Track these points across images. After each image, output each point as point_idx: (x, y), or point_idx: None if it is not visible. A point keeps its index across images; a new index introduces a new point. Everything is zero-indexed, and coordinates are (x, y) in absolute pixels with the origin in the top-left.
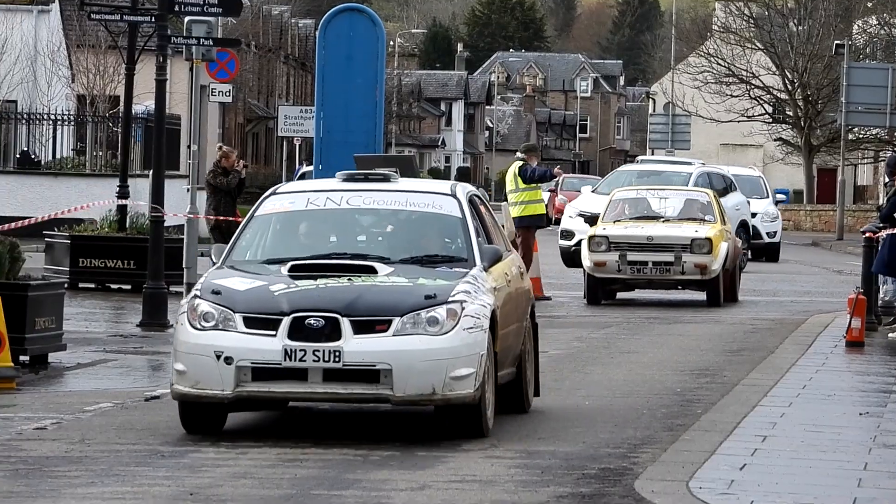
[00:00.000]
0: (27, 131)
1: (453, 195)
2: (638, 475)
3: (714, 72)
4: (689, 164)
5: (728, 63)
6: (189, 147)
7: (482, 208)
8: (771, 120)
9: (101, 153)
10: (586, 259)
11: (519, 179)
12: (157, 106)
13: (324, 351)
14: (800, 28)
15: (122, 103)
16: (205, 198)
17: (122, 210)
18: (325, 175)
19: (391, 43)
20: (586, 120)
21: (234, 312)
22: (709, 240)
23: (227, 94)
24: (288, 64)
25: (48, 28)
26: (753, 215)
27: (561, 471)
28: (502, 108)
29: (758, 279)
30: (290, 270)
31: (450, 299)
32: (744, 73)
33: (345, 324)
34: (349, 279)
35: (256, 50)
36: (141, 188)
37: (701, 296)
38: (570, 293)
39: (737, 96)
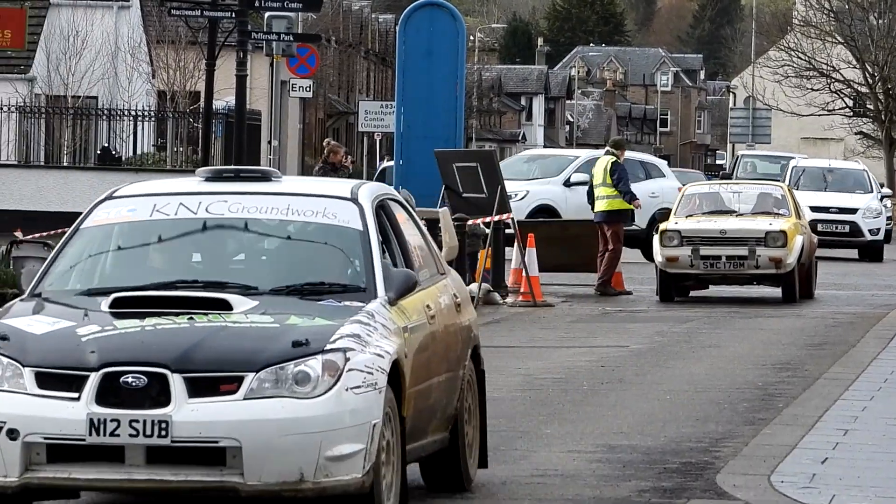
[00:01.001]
0: (108, 127)
1: (353, 199)
2: (719, 469)
3: (794, 65)
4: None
5: (808, 57)
6: (269, 143)
7: (400, 217)
8: (851, 114)
9: (181, 149)
10: (658, 254)
11: (609, 175)
12: (238, 102)
13: (146, 421)
14: (880, 21)
15: (202, 99)
16: None
17: None
18: (407, 171)
19: (471, 38)
20: (667, 114)
21: (23, 366)
22: (783, 233)
23: (308, 89)
24: (368, 59)
25: (128, 24)
26: (853, 211)
27: (642, 465)
28: (583, 102)
29: (839, 273)
30: (111, 306)
31: (328, 347)
32: (824, 66)
33: (176, 382)
34: (190, 318)
35: (337, 45)
36: None
37: (778, 291)
38: (651, 287)
39: (817, 90)
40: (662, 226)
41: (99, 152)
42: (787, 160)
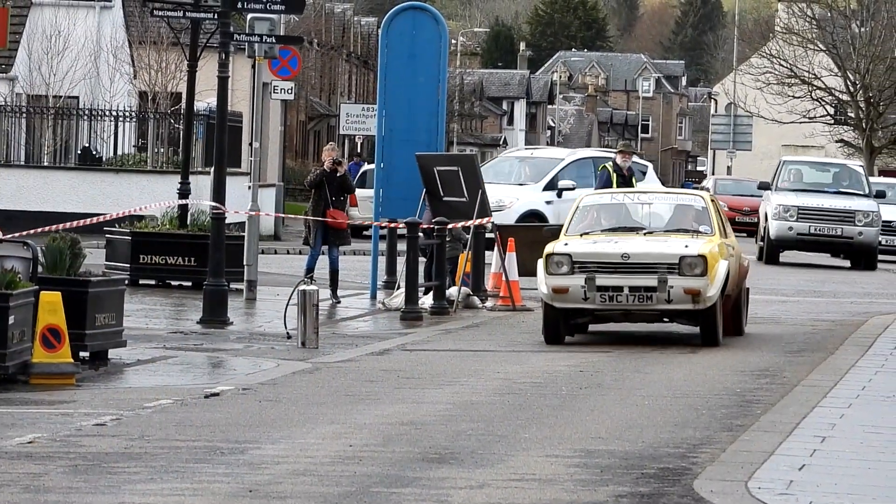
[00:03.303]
0: (89, 127)
1: None
2: (697, 475)
3: (776, 73)
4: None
5: (790, 64)
6: (251, 144)
7: None
8: (833, 121)
9: (162, 150)
10: (542, 284)
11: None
12: (220, 103)
13: None
14: (862, 30)
15: (184, 100)
16: (266, 195)
17: (183, 207)
18: (389, 174)
19: (454, 41)
20: (648, 120)
21: None
22: (702, 258)
23: (289, 91)
24: (350, 62)
25: (111, 24)
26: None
27: (620, 470)
28: (564, 107)
29: (818, 280)
30: None
31: None
32: (806, 74)
33: None
34: None
35: (319, 48)
36: (202, 185)
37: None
38: None
39: (799, 97)
40: (549, 247)
41: (80, 152)
42: (839, 167)
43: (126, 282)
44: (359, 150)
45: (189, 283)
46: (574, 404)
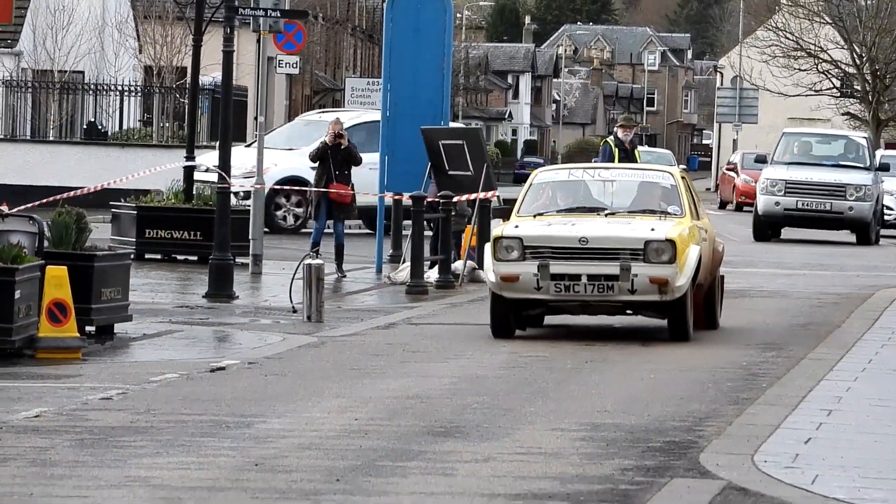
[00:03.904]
0: (94, 102)
1: None
2: (703, 448)
3: (782, 45)
4: None
5: (796, 37)
6: (256, 119)
7: None
8: (839, 94)
9: (167, 124)
10: (489, 272)
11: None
12: (224, 77)
13: None
14: (868, 2)
15: (189, 75)
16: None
17: (188, 181)
18: (394, 148)
19: (458, 15)
20: (654, 93)
21: None
22: (671, 242)
23: (294, 65)
24: (355, 36)
25: None
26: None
27: (626, 444)
28: (569, 81)
29: (824, 254)
30: None
31: None
32: (812, 47)
33: None
34: None
35: (324, 22)
36: (207, 159)
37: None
38: None
39: (804, 70)
40: (496, 230)
41: (85, 127)
42: (841, 139)
43: (132, 256)
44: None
45: (195, 258)
46: (580, 378)
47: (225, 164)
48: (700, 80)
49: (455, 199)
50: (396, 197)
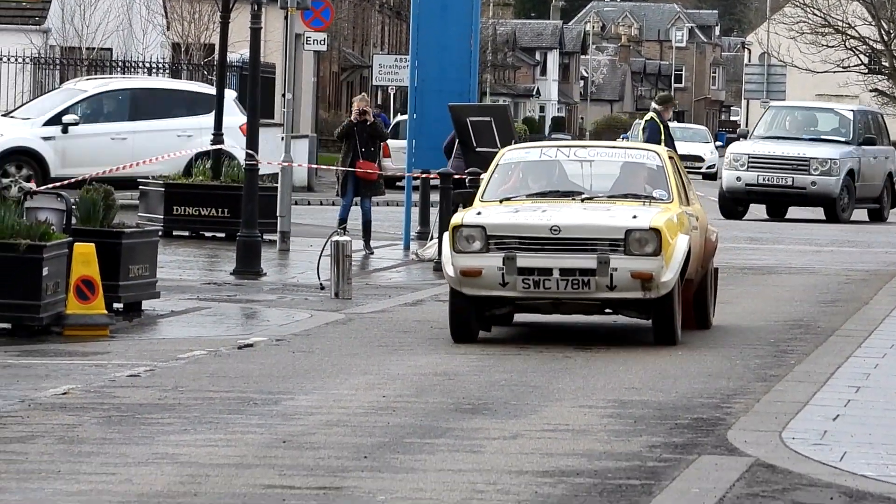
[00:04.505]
0: None
1: None
2: (731, 425)
3: (809, 22)
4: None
5: (824, 13)
6: (283, 96)
7: None
8: (867, 71)
9: None
10: (448, 264)
11: (643, 134)
12: (252, 54)
13: None
14: None
15: (216, 52)
16: (299, 146)
17: (216, 158)
18: (421, 125)
19: None
20: (681, 70)
21: None
22: (655, 231)
23: (322, 42)
24: (383, 13)
25: None
26: None
27: (654, 421)
28: (597, 57)
29: (852, 230)
30: None
31: None
32: (839, 23)
33: None
34: None
35: None
36: (235, 136)
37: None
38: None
39: (832, 47)
40: (456, 217)
41: None
42: (825, 112)
43: (159, 233)
44: (379, 102)
45: (222, 235)
46: (607, 354)
47: (252, 142)
48: (728, 56)
49: (483, 176)
50: (425, 174)
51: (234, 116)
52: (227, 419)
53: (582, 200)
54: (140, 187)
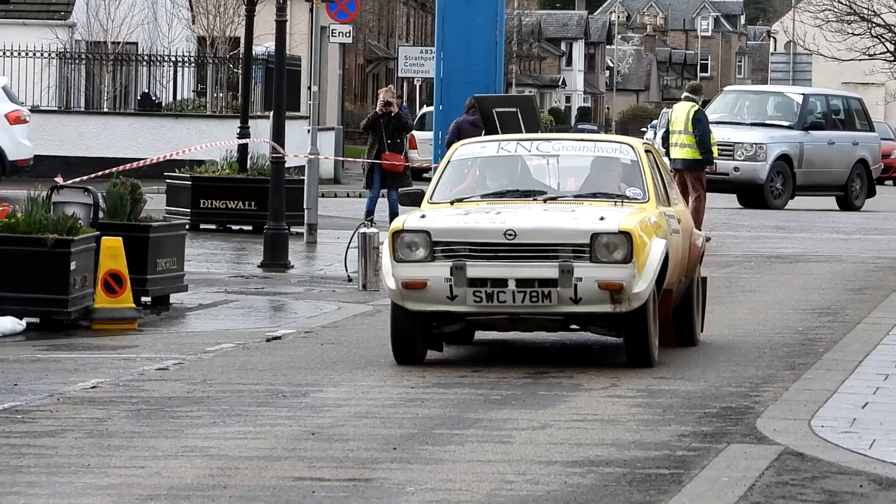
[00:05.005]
0: (147, 73)
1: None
2: (760, 414)
3: (835, 10)
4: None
5: (849, 1)
6: (309, 88)
7: None
8: (893, 58)
9: (221, 95)
10: (388, 275)
11: (691, 124)
12: (278, 47)
13: None
14: None
15: (242, 45)
16: (325, 139)
17: (242, 151)
18: (447, 116)
19: None
20: (707, 59)
21: None
22: (626, 235)
23: (347, 34)
24: (408, 4)
25: None
26: None
27: (682, 410)
28: (623, 47)
29: (879, 217)
30: None
31: None
32: (865, 11)
33: None
34: None
35: None
36: (261, 129)
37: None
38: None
39: (858, 35)
40: (396, 222)
41: (139, 98)
42: (775, 95)
43: (187, 226)
44: (399, 93)
45: (249, 227)
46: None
47: (279, 135)
48: (753, 45)
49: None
50: None
51: (2, 104)
52: (255, 412)
53: (545, 201)
54: (167, 181)
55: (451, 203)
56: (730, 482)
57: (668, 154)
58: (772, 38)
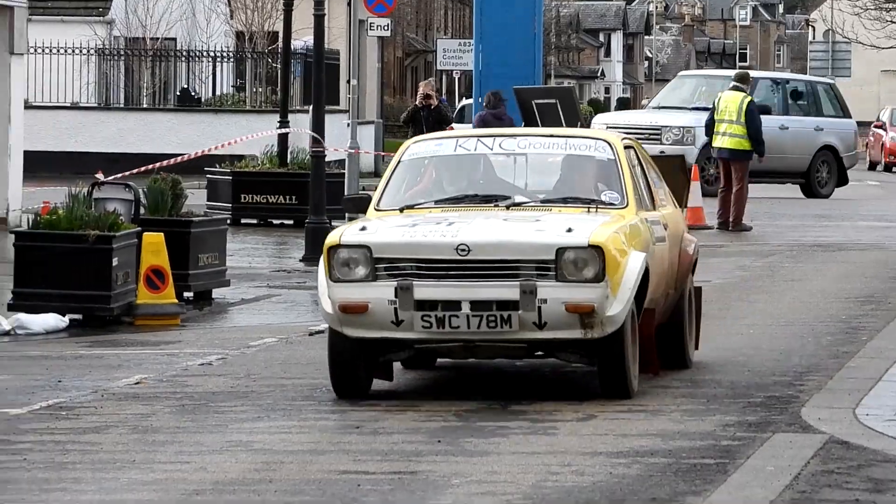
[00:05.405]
0: (187, 69)
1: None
2: (804, 403)
3: None
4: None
5: None
6: (348, 82)
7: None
8: None
9: (260, 89)
10: (324, 297)
11: (744, 115)
12: (316, 41)
13: None
14: None
15: (280, 39)
16: (365, 132)
17: (282, 145)
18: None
19: None
20: (745, 48)
21: None
22: (596, 249)
23: (386, 28)
24: None
25: None
26: None
27: (727, 399)
28: (661, 37)
29: None
30: None
31: None
32: None
33: None
34: None
35: None
36: (301, 123)
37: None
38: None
39: None
40: (333, 235)
41: (178, 94)
42: (726, 80)
43: (228, 221)
44: (438, 86)
45: (290, 222)
46: None
47: (318, 129)
48: (792, 34)
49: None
50: None
51: None
52: (299, 406)
53: (507, 208)
54: (207, 176)
55: (401, 210)
56: (775, 471)
57: (710, 142)
58: (810, 27)
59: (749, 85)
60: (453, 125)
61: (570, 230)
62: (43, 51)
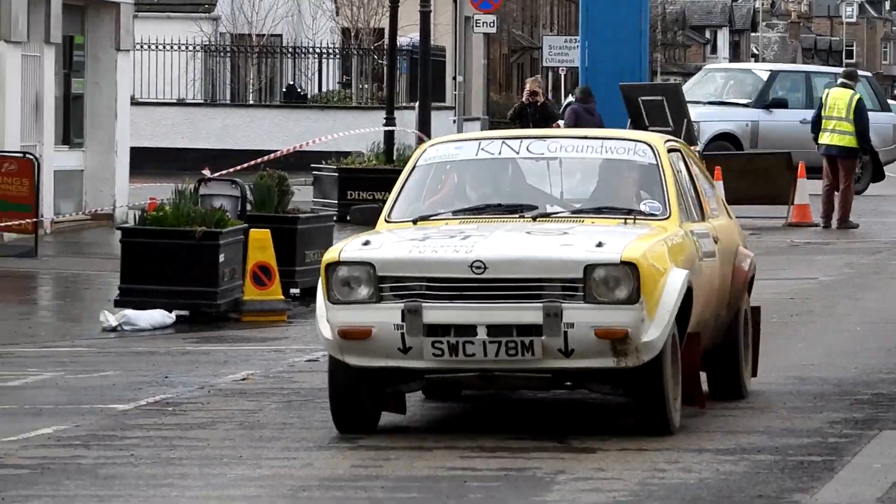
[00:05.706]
0: (292, 65)
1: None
2: None
3: None
4: None
5: None
6: (454, 78)
7: None
8: None
9: (366, 86)
10: (322, 320)
11: (853, 112)
12: (422, 38)
13: None
14: None
15: (386, 36)
16: (471, 128)
17: (389, 142)
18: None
19: None
20: (852, 46)
21: None
22: (630, 266)
23: (491, 24)
24: None
25: None
26: None
27: (833, 397)
28: (767, 34)
29: None
30: None
31: None
32: None
33: None
34: None
35: None
36: (407, 120)
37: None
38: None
39: None
40: (331, 251)
41: (284, 90)
42: (745, 73)
43: (334, 218)
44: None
45: None
46: (785, 331)
47: (425, 125)
48: None
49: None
50: None
51: None
52: (406, 401)
53: (533, 219)
54: (314, 173)
55: (414, 222)
56: (882, 469)
57: (816, 139)
58: None
59: (857, 81)
60: (559, 122)
61: (600, 245)
62: (149, 47)
